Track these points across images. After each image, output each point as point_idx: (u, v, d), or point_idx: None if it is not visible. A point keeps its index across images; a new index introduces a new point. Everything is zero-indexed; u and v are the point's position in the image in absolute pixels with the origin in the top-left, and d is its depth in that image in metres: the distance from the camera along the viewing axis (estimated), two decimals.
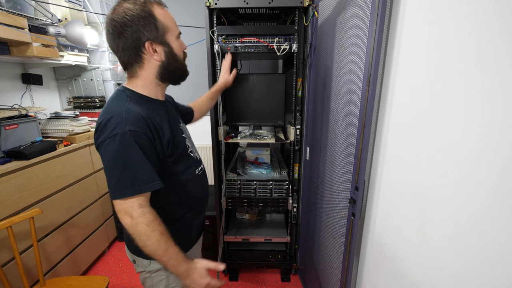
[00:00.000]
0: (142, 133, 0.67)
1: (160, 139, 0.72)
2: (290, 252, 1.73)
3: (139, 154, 0.66)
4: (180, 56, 0.78)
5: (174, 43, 0.74)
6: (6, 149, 1.35)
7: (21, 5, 1.40)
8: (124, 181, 0.66)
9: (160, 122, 0.74)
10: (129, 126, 0.65)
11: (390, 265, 0.78)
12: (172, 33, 0.74)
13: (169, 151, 0.75)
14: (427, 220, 0.62)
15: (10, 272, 1.24)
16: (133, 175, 0.66)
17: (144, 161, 0.67)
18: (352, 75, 0.94)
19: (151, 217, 0.68)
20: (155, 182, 0.69)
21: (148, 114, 0.71)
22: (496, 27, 0.45)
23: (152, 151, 0.70)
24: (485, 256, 0.47)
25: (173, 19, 0.75)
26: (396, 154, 0.74)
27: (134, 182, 0.66)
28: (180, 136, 0.82)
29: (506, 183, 0.43)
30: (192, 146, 0.90)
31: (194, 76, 2.79)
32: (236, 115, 1.56)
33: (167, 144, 0.74)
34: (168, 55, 0.74)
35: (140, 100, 0.74)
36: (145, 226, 0.67)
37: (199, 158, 0.92)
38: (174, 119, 0.84)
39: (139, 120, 0.68)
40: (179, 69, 0.79)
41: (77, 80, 2.04)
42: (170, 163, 0.78)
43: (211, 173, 1.57)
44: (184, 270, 0.72)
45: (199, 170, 0.90)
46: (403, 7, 0.69)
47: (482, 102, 0.47)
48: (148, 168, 0.68)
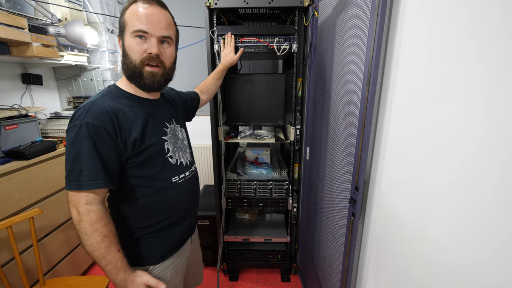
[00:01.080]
0: (101, 127, 0.64)
1: (124, 137, 0.68)
2: (290, 252, 1.73)
3: (89, 148, 0.63)
4: (132, 56, 0.69)
5: (127, 40, 0.68)
6: (6, 149, 1.34)
7: (21, 5, 1.40)
8: (71, 174, 0.64)
9: (131, 119, 0.70)
10: (88, 118, 0.64)
11: (390, 265, 0.78)
12: (129, 29, 0.68)
13: (135, 152, 0.70)
14: (427, 220, 0.62)
15: (10, 272, 1.24)
16: (80, 169, 0.63)
17: (94, 156, 0.63)
18: (352, 75, 0.94)
19: (95, 217, 0.65)
20: (98, 181, 0.64)
21: (117, 109, 0.68)
22: (496, 26, 0.45)
23: (110, 148, 0.66)
24: (485, 256, 0.47)
25: (140, 16, 0.66)
26: (396, 154, 0.74)
27: (79, 177, 0.63)
28: (157, 138, 0.76)
29: (506, 183, 0.43)
30: (180, 151, 0.84)
31: (194, 76, 2.79)
32: (236, 115, 1.56)
33: (133, 144, 0.70)
34: (123, 52, 0.71)
35: (118, 95, 0.73)
36: (87, 224, 0.64)
37: (185, 164, 0.85)
38: (159, 118, 0.79)
39: (101, 114, 0.65)
40: (131, 69, 0.70)
41: (77, 80, 2.04)
42: (137, 166, 0.72)
43: (211, 173, 1.57)
44: (121, 280, 0.69)
45: (181, 178, 0.82)
46: (403, 7, 0.69)
47: (482, 101, 0.47)
48: (95, 165, 0.64)
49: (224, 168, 1.50)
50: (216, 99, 1.37)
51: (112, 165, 0.67)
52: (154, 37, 0.69)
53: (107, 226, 0.67)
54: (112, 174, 0.68)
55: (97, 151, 0.64)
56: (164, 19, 0.70)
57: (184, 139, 0.89)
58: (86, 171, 0.63)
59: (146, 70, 0.70)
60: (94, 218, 0.65)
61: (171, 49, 0.75)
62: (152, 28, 0.68)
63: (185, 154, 0.87)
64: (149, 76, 0.71)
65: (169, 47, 0.74)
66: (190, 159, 0.89)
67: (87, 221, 0.64)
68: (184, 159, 0.85)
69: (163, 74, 0.74)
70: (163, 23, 0.70)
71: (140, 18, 0.67)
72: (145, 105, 0.77)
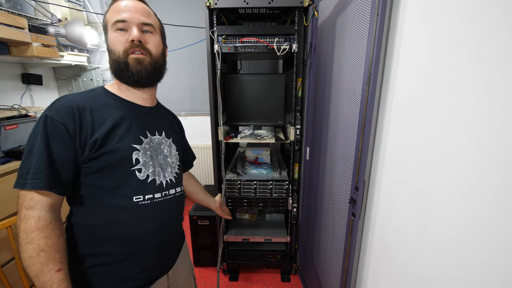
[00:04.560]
0: (60, 122, 0.59)
1: (85, 135, 0.61)
2: (290, 252, 1.73)
3: (41, 143, 0.57)
4: (115, 49, 0.66)
5: (109, 36, 0.67)
6: (6, 149, 1.35)
7: (21, 5, 1.40)
8: (21, 170, 0.57)
9: (100, 119, 0.64)
10: (49, 111, 0.59)
11: (390, 265, 0.78)
12: (109, 25, 0.66)
13: (92, 155, 0.61)
14: (427, 220, 0.62)
15: (10, 272, 1.24)
16: (29, 165, 0.56)
17: (43, 153, 0.57)
18: (352, 75, 0.94)
19: (33, 225, 0.55)
20: (38, 180, 0.56)
21: (86, 106, 0.63)
22: (497, 26, 0.45)
23: (64, 146, 0.59)
24: (486, 256, 0.47)
25: (119, 8, 0.65)
26: (396, 154, 0.74)
27: (27, 175, 0.56)
28: (125, 144, 0.65)
29: (507, 183, 0.43)
30: (158, 167, 0.71)
31: (194, 76, 2.78)
32: (236, 115, 1.56)
33: (92, 145, 0.61)
34: (108, 49, 0.68)
35: (99, 94, 0.68)
36: (23, 233, 0.55)
37: (161, 184, 0.71)
38: (138, 124, 0.70)
39: (64, 108, 0.60)
40: (116, 62, 0.66)
41: (77, 80, 2.04)
42: (94, 172, 0.63)
43: (211, 173, 1.57)
44: None
45: (146, 199, 0.68)
46: (403, 7, 0.69)
47: (482, 101, 0.47)
48: (41, 163, 0.56)
49: (224, 168, 1.50)
50: (216, 99, 1.37)
51: (62, 166, 0.59)
52: (134, 24, 0.65)
53: (48, 238, 0.55)
54: (59, 176, 0.59)
55: (48, 147, 0.57)
56: (142, 8, 0.68)
57: (170, 157, 0.77)
58: (33, 168, 0.56)
59: (131, 57, 0.66)
60: (31, 227, 0.55)
61: (156, 38, 0.70)
62: (131, 16, 0.65)
63: (165, 173, 0.73)
64: (135, 63, 0.66)
65: (153, 35, 0.70)
66: (171, 180, 0.75)
67: (22, 229, 0.55)
68: (161, 177, 0.72)
69: (150, 62, 0.68)
70: (141, 11, 0.67)
71: (118, 11, 0.65)
72: (126, 108, 0.69)
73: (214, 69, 1.36)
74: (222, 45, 1.30)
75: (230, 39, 1.32)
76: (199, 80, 2.36)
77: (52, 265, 0.55)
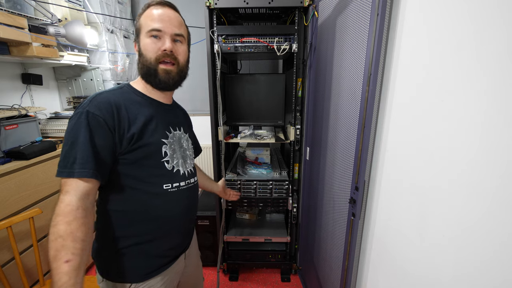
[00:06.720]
0: (101, 117, 0.64)
1: (122, 130, 0.68)
2: (290, 252, 1.73)
3: (86, 136, 0.62)
4: (147, 54, 0.72)
5: (142, 41, 0.73)
6: (6, 149, 1.34)
7: (21, 5, 1.40)
8: (65, 160, 0.62)
9: (133, 115, 0.71)
10: (90, 107, 0.64)
11: (390, 265, 0.78)
12: (143, 30, 0.72)
13: (130, 148, 0.69)
14: (427, 220, 0.62)
15: (10, 272, 1.24)
16: (75, 156, 0.61)
17: (88, 145, 0.62)
18: (352, 75, 0.94)
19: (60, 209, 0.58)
20: (87, 169, 0.61)
21: (121, 103, 0.69)
22: (496, 26, 0.45)
23: (106, 139, 0.65)
24: (486, 256, 0.47)
25: (154, 17, 0.71)
26: (396, 154, 0.74)
27: (72, 164, 0.61)
28: (155, 139, 0.74)
29: (507, 183, 0.43)
30: (180, 158, 0.81)
31: (194, 76, 2.78)
32: (236, 115, 1.56)
33: (129, 139, 0.68)
34: (139, 52, 0.74)
35: (128, 92, 0.75)
36: (53, 215, 0.58)
37: (183, 174, 0.81)
38: (164, 121, 0.79)
39: (104, 104, 0.66)
40: (146, 67, 0.73)
41: (77, 80, 2.04)
42: (129, 163, 0.70)
43: (211, 173, 1.57)
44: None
45: (174, 187, 0.78)
46: (403, 7, 0.69)
47: (482, 101, 0.47)
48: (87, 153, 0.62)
49: (224, 168, 1.50)
50: (216, 99, 1.37)
51: (105, 157, 0.65)
52: (167, 34, 0.72)
53: (69, 224, 0.56)
54: (103, 165, 0.65)
55: (93, 140, 0.63)
56: (176, 19, 0.75)
57: (188, 150, 0.87)
58: (80, 159, 0.61)
59: (160, 68, 0.73)
60: (60, 210, 0.58)
61: (184, 47, 0.78)
62: (165, 26, 0.71)
63: (186, 164, 0.84)
64: (164, 73, 0.74)
65: (182, 45, 0.77)
66: (190, 170, 0.86)
67: (55, 211, 0.58)
68: (183, 168, 0.82)
69: (177, 71, 0.77)
70: (175, 22, 0.74)
71: (153, 19, 0.71)
72: (153, 106, 0.77)
73: (214, 69, 1.36)
74: (222, 45, 1.30)
75: (230, 39, 1.32)
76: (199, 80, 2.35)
77: (64, 253, 0.54)
